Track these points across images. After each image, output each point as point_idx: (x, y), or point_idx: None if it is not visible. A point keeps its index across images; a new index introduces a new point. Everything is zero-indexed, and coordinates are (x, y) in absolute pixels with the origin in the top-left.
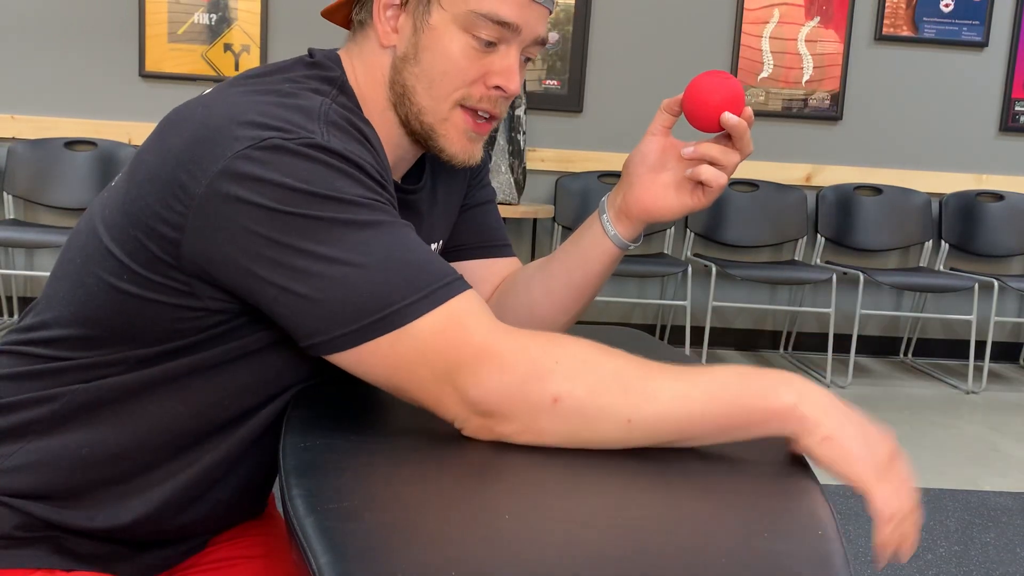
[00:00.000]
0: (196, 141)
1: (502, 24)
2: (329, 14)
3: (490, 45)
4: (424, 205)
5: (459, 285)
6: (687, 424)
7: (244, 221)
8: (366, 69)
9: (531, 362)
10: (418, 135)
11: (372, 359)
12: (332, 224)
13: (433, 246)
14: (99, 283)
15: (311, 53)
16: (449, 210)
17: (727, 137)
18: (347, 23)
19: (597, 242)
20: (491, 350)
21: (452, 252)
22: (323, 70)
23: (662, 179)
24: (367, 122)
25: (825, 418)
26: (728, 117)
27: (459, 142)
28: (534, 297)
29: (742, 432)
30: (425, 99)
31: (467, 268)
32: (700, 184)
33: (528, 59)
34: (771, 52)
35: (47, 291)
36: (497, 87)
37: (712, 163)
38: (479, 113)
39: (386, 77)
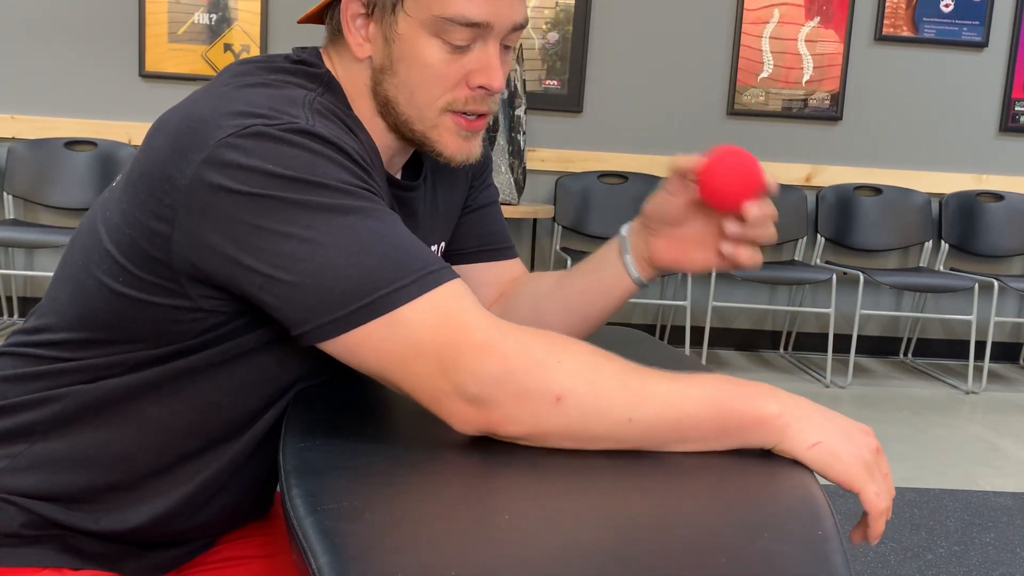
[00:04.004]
0: (182, 134)
1: (472, 25)
2: (305, 20)
3: (460, 48)
4: (420, 204)
5: (446, 273)
6: (685, 424)
7: (228, 209)
8: (347, 76)
9: (534, 360)
10: (412, 142)
11: (364, 349)
12: (316, 209)
13: (433, 248)
14: (98, 286)
15: (295, 52)
16: (450, 212)
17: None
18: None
19: (619, 279)
20: (492, 347)
21: (454, 255)
22: (308, 67)
23: (686, 235)
24: (355, 118)
25: (809, 425)
26: (753, 209)
27: (453, 143)
28: (547, 317)
29: (733, 438)
30: (410, 109)
31: (470, 271)
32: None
33: (507, 47)
34: (771, 52)
35: (50, 294)
36: (480, 86)
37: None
38: (468, 114)
39: (368, 87)
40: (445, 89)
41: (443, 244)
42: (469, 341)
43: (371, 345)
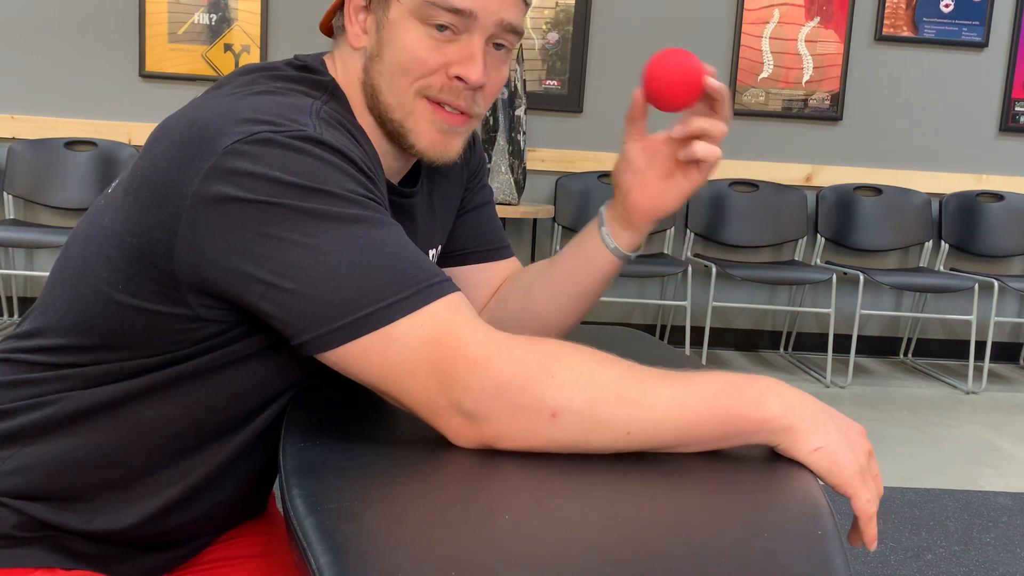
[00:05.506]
0: (187, 141)
1: (456, 12)
2: (324, 27)
3: (443, 30)
4: (419, 210)
5: (447, 286)
6: (684, 432)
7: (233, 216)
8: (345, 73)
9: (528, 376)
10: (392, 135)
11: (361, 362)
12: (321, 217)
13: (431, 252)
14: (96, 293)
15: (298, 58)
16: (446, 215)
17: (707, 109)
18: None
19: (599, 253)
20: (487, 363)
21: (450, 257)
22: (312, 74)
23: (654, 177)
24: (359, 127)
25: (813, 426)
26: (711, 81)
27: (428, 134)
28: (537, 303)
29: (735, 440)
30: (389, 95)
31: (466, 273)
32: (694, 164)
33: (500, 46)
34: (771, 52)
35: (44, 298)
36: (458, 77)
37: (701, 137)
38: (445, 106)
39: (360, 79)
40: (421, 73)
41: (439, 248)
42: (464, 356)
43: (368, 358)
